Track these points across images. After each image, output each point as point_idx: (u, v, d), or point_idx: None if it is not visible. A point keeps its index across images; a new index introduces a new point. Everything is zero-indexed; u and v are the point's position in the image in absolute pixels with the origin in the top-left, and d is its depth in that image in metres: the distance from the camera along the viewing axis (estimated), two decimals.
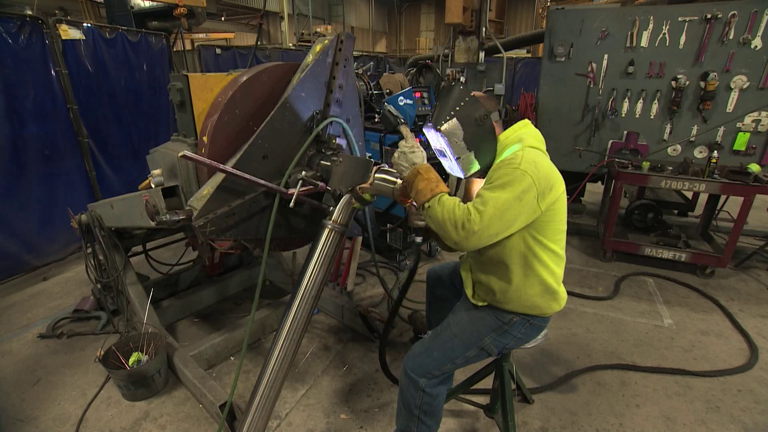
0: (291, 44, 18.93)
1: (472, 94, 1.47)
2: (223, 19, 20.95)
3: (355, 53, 17.52)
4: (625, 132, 4.20)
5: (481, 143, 1.46)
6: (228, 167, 1.41)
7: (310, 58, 1.76)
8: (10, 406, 2.24)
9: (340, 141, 1.83)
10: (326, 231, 1.59)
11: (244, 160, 1.53)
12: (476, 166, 1.50)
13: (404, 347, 2.70)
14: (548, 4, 14.30)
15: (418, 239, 1.68)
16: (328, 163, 1.70)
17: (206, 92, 1.69)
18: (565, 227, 1.48)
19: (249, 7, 19.53)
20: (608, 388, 2.38)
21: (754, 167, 3.29)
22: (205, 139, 1.55)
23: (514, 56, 10.28)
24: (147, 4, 16.25)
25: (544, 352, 2.67)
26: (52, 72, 3.42)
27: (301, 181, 1.60)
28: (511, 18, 22.47)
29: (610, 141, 4.27)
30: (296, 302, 1.60)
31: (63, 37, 3.41)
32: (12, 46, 3.09)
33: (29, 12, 4.22)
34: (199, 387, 2.18)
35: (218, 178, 1.51)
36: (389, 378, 2.24)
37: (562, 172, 1.47)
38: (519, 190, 1.29)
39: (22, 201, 3.34)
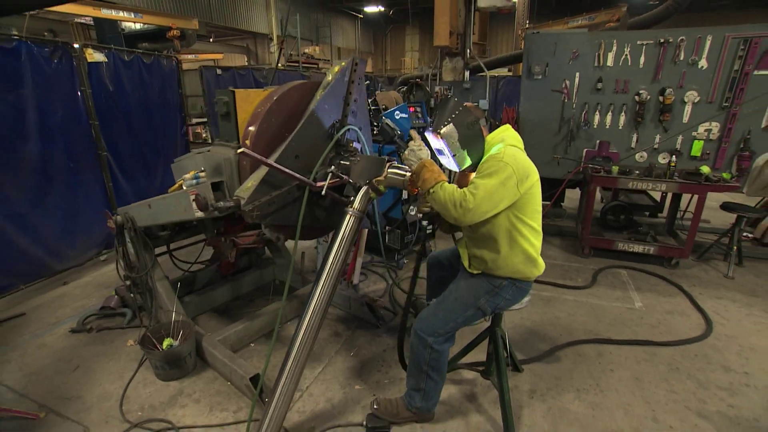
0: (280, 65, 19.46)
1: (464, 104, 1.87)
2: (211, 40, 21.38)
3: None
4: (598, 141, 4.67)
5: (471, 143, 1.85)
6: (275, 163, 1.75)
7: (329, 77, 2.14)
8: (55, 388, 2.47)
9: (356, 144, 2.19)
10: (348, 216, 1.94)
11: (281, 158, 1.87)
12: (468, 161, 1.88)
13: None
14: (527, 25, 15.19)
15: (425, 222, 2.04)
16: (347, 162, 2.06)
17: (247, 105, 2.04)
18: (540, 208, 1.85)
19: (237, 29, 20.00)
20: (587, 358, 2.74)
21: (705, 169, 3.77)
22: (247, 142, 1.89)
23: (496, 75, 10.90)
24: (138, 26, 16.54)
25: (531, 332, 3.03)
26: (78, 91, 3.73)
27: (330, 174, 1.96)
28: (492, 39, 23.49)
29: (585, 149, 4.73)
30: (323, 276, 1.93)
31: (88, 60, 3.73)
32: (45, 68, 3.40)
33: (16, 33, 4.49)
34: (229, 365, 2.46)
35: (261, 172, 1.84)
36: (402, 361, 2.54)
37: (543, 178, 1.86)
38: (503, 177, 1.67)
39: (49, 210, 3.59)
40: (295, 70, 13.11)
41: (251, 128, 1.90)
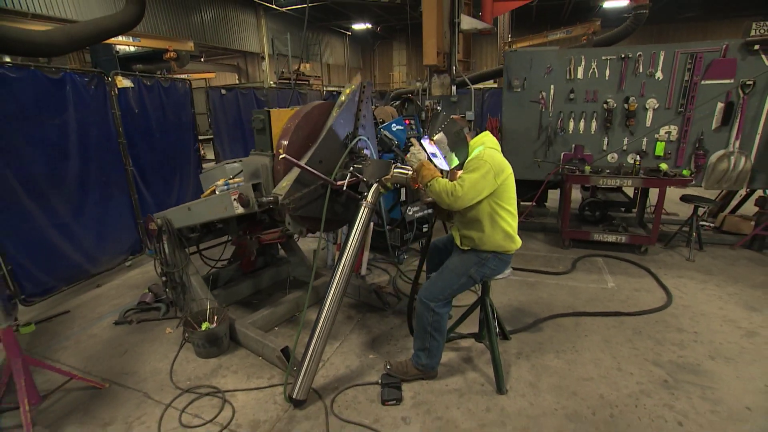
0: (272, 82, 20.02)
1: (451, 117, 2.37)
2: (202, 59, 21.90)
3: (332, 88, 18.78)
4: (573, 145, 5.21)
5: (458, 146, 2.35)
6: (308, 167, 2.23)
7: (343, 97, 2.63)
8: (111, 367, 2.88)
9: (366, 151, 2.68)
10: (362, 208, 2.41)
11: (308, 163, 2.34)
12: (456, 161, 2.38)
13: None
14: (509, 39, 15.99)
15: (429, 210, 2.53)
16: (360, 165, 2.54)
17: (279, 121, 2.51)
18: (515, 195, 2.35)
19: (227, 48, 20.48)
20: (565, 327, 3.21)
21: (663, 166, 4.33)
22: (281, 151, 2.36)
23: (482, 87, 11.55)
24: (132, 48, 17.06)
25: (518, 309, 3.49)
26: (109, 114, 4.19)
27: (349, 174, 2.44)
28: (478, 52, 24.40)
29: (562, 153, 5.27)
30: (343, 258, 2.39)
31: (118, 86, 4.20)
32: (83, 95, 3.86)
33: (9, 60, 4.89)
34: (261, 341, 2.89)
35: (293, 174, 2.31)
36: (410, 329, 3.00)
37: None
38: (483, 171, 2.17)
39: (86, 219, 4.00)
40: (289, 88, 13.66)
41: (284, 141, 2.38)
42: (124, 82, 4.24)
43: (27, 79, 3.34)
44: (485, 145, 2.31)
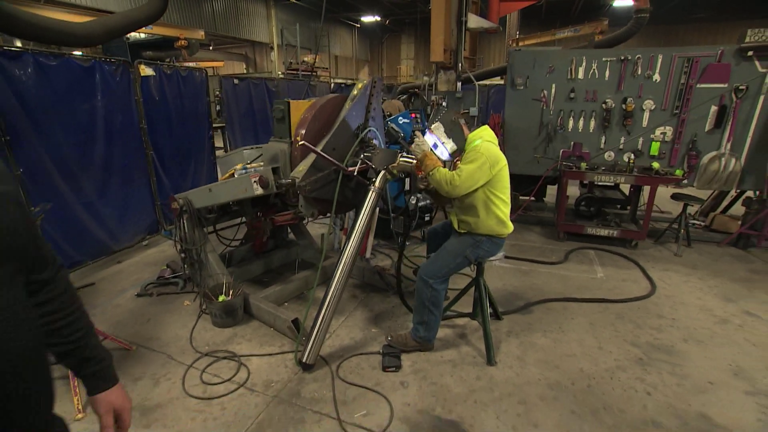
0: (280, 72, 20.17)
1: (447, 109, 2.62)
2: (211, 48, 22.05)
3: (340, 80, 18.93)
4: (572, 143, 5.42)
5: (454, 133, 2.62)
6: (323, 153, 2.48)
7: (355, 92, 2.87)
8: (136, 333, 3.16)
9: (375, 141, 2.92)
10: (371, 192, 2.66)
11: (323, 150, 2.59)
12: (454, 147, 2.64)
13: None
14: (517, 36, 16.08)
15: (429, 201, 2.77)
16: (369, 154, 2.79)
17: (297, 112, 2.75)
18: (508, 185, 2.59)
19: (236, 38, 20.62)
20: (554, 310, 3.46)
21: (656, 165, 4.55)
22: (298, 138, 2.61)
23: (488, 84, 11.72)
24: (143, 35, 17.31)
25: (511, 294, 3.75)
26: (132, 100, 4.44)
27: (360, 161, 2.69)
28: (485, 49, 24.42)
29: (561, 150, 5.48)
30: (353, 233, 2.65)
31: (141, 74, 4.45)
32: (110, 82, 4.11)
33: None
34: (273, 312, 3.16)
35: (309, 160, 2.55)
36: (405, 306, 3.26)
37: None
38: (479, 163, 2.41)
39: (109, 199, 4.27)
40: (297, 78, 13.85)
41: (301, 130, 2.62)
42: (146, 71, 4.48)
43: (61, 67, 3.59)
44: (483, 138, 2.55)
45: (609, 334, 3.11)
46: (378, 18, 25.15)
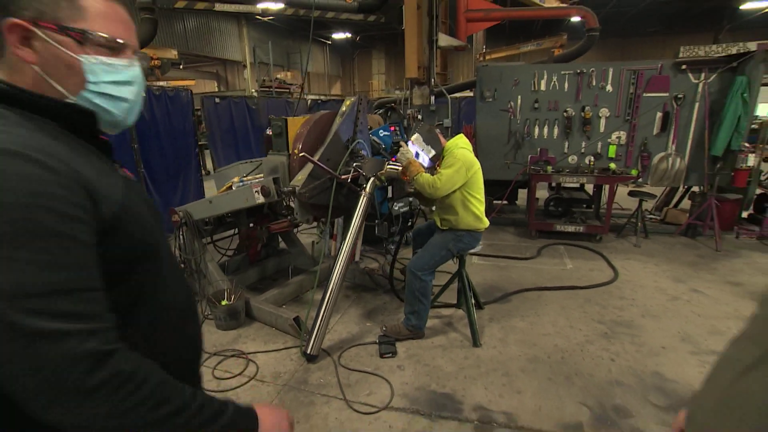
0: (253, 90, 20.32)
1: (424, 123, 2.99)
2: (181, 67, 21.98)
3: (313, 96, 19.26)
4: (539, 149, 5.91)
5: (430, 140, 2.97)
6: (320, 162, 2.78)
7: (344, 108, 3.20)
8: None
9: (363, 152, 3.25)
10: (362, 197, 2.97)
11: (319, 161, 2.89)
12: (432, 152, 2.99)
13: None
14: (483, 50, 16.91)
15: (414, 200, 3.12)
16: (359, 163, 3.11)
17: (294, 127, 3.04)
18: (482, 186, 2.96)
19: (207, 56, 20.64)
20: (530, 299, 3.84)
21: (612, 166, 5.08)
22: (296, 151, 2.90)
23: (459, 96, 12.33)
24: None
25: (491, 286, 4.11)
26: None
27: (352, 170, 3.00)
28: (454, 64, 25.33)
29: (529, 155, 5.95)
30: (348, 236, 2.94)
31: None
32: None
33: None
34: (275, 312, 3.39)
35: (307, 170, 2.84)
36: (397, 296, 3.57)
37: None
38: (457, 167, 2.77)
39: None
40: (272, 96, 14.10)
41: (299, 143, 2.93)
42: None
43: None
44: (458, 145, 2.92)
45: (578, 315, 3.50)
46: (348, 35, 25.77)
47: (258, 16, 20.92)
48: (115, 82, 0.78)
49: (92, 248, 0.67)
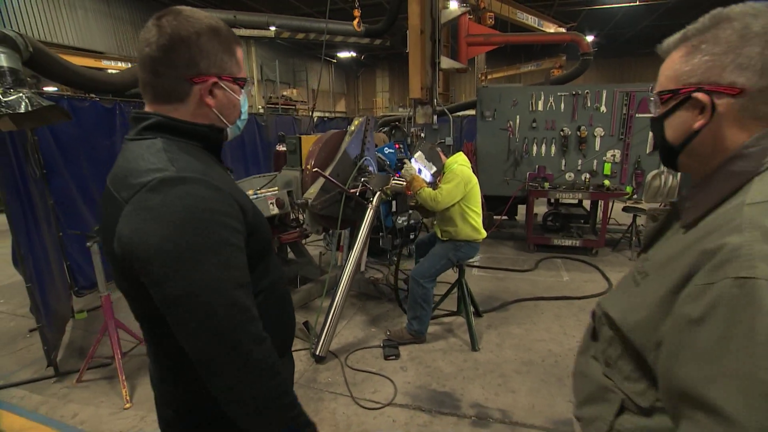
0: (260, 107, 20.85)
1: (425, 141, 3.25)
2: None
3: (318, 113, 19.70)
4: (537, 166, 6.16)
5: (432, 157, 3.21)
6: (331, 177, 3.03)
7: (352, 127, 3.47)
8: None
9: (371, 168, 3.51)
10: (369, 210, 3.21)
11: (330, 176, 3.14)
12: (434, 168, 3.23)
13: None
14: (485, 69, 17.38)
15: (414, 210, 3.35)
16: (366, 178, 3.36)
17: (307, 144, 3.31)
18: (479, 200, 3.19)
19: None
20: (527, 307, 4.03)
21: (606, 183, 5.30)
22: (308, 167, 3.15)
23: (461, 115, 12.70)
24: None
25: (489, 296, 4.30)
26: None
27: (360, 184, 3.25)
28: (457, 84, 25.91)
29: (528, 173, 6.20)
30: (356, 246, 3.17)
31: None
32: (128, 119, 4.59)
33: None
34: None
35: (319, 184, 3.09)
36: (400, 306, 3.76)
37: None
38: (456, 182, 3.02)
39: None
40: (279, 114, 14.49)
41: (311, 160, 3.19)
42: None
43: (90, 109, 4.07)
44: (458, 162, 3.17)
45: (572, 323, 3.68)
46: (353, 54, 26.46)
47: (266, 36, 21.62)
48: (245, 108, 1.04)
49: (244, 251, 0.86)
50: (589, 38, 17.53)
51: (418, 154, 3.26)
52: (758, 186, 0.67)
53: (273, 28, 8.84)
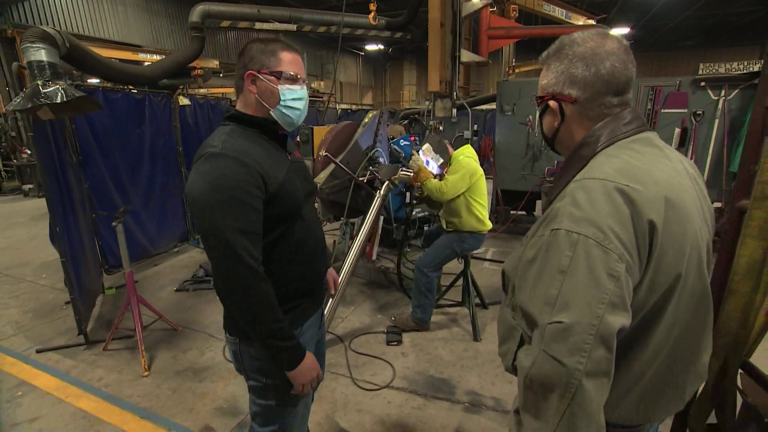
0: None
1: (432, 134, 3.30)
2: (221, 75, 23.18)
3: (344, 106, 19.87)
4: (556, 161, 6.08)
5: (439, 149, 3.27)
6: (340, 163, 3.15)
7: (366, 120, 3.57)
8: (179, 319, 3.76)
9: (381, 159, 3.60)
10: (376, 198, 3.31)
11: (341, 164, 3.27)
12: (441, 160, 3.29)
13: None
14: (513, 63, 17.03)
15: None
16: (376, 168, 3.46)
17: (318, 135, 3.43)
18: (485, 191, 3.24)
19: None
20: None
21: None
22: (320, 153, 3.28)
23: (484, 108, 12.55)
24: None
25: (497, 289, 4.33)
26: (171, 127, 5.18)
27: (369, 173, 3.36)
28: (484, 77, 25.54)
29: (546, 168, 6.14)
30: (361, 231, 3.28)
31: (180, 104, 5.21)
32: (156, 110, 4.86)
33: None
34: None
35: (329, 169, 3.22)
36: (405, 293, 3.86)
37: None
38: (461, 174, 3.07)
39: (151, 211, 4.97)
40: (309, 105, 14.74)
41: (323, 147, 3.31)
42: (184, 101, 5.24)
43: (122, 99, 4.34)
44: (464, 155, 3.22)
45: None
46: (381, 47, 26.44)
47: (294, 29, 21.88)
48: (293, 99, 1.33)
49: (261, 212, 1.23)
50: (625, 30, 16.89)
51: (426, 146, 3.32)
52: (588, 167, 0.93)
53: (296, 24, 8.99)
